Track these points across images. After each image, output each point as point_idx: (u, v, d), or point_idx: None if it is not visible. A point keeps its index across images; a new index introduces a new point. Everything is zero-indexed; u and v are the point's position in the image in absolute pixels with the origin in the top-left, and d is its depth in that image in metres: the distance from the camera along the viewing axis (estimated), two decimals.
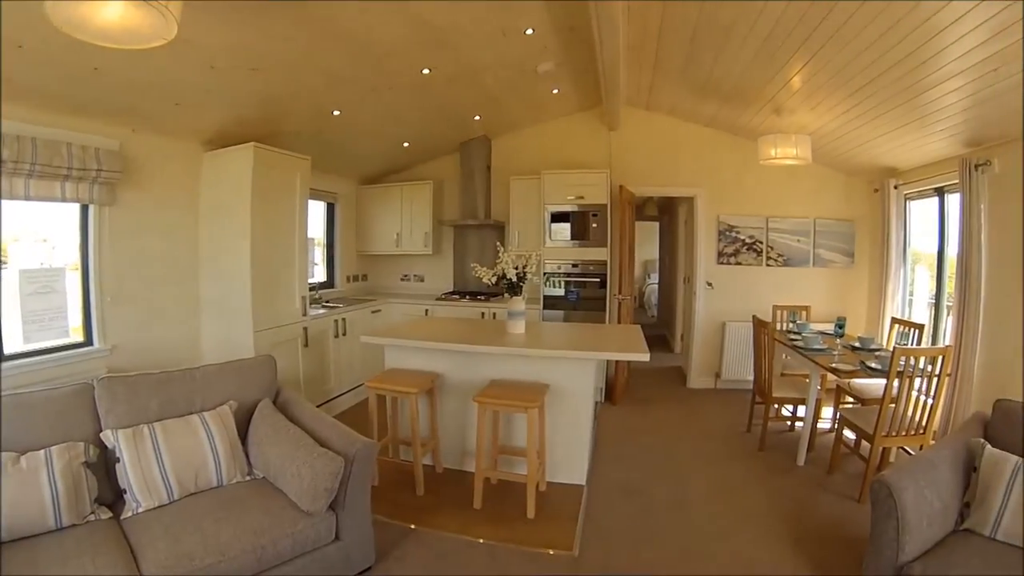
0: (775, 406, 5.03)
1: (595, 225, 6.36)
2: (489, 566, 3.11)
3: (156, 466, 2.70)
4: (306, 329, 5.29)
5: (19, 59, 2.98)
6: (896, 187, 5.91)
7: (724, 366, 6.86)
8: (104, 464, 2.72)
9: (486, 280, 4.44)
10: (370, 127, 5.78)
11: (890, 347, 4.67)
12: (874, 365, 4.13)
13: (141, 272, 4.36)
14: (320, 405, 5.28)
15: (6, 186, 3.35)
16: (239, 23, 3.24)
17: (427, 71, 4.61)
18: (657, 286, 12.93)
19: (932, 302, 5.54)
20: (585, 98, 6.42)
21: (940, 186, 5.27)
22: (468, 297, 7.02)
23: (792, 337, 5.15)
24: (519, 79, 5.41)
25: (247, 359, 3.63)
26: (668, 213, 10.90)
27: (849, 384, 4.85)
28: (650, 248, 13.47)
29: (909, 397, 3.80)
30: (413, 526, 3.49)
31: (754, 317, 5.14)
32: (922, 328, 4.95)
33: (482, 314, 6.61)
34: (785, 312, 6.10)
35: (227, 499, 2.74)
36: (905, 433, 3.86)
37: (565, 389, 4.07)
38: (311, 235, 5.87)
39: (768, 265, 6.77)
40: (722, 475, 4.39)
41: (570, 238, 6.45)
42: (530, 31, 4.30)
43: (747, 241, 6.77)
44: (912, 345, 4.86)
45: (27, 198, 3.50)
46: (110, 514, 2.61)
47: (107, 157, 3.87)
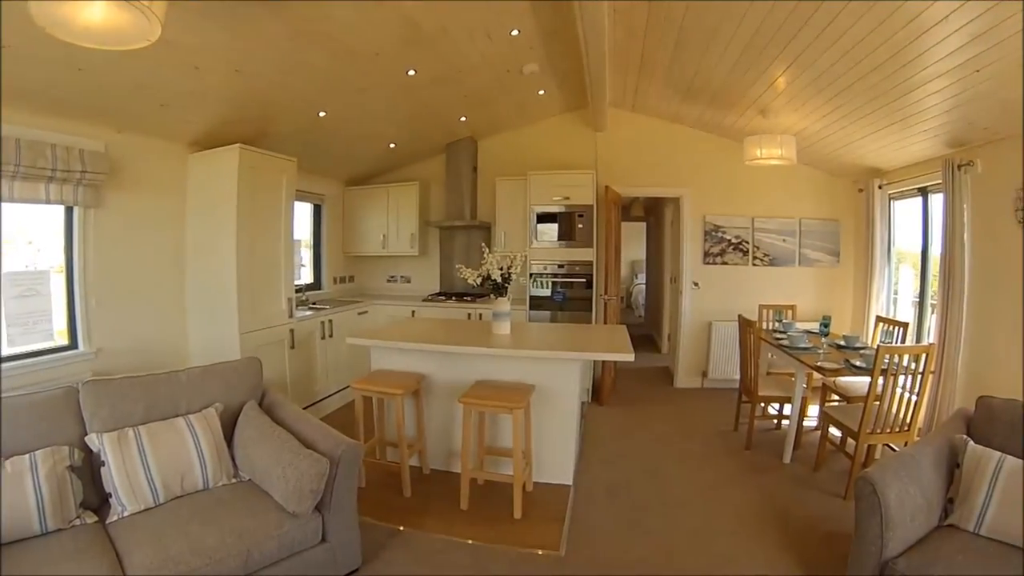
0: (761, 405, 5.08)
1: (581, 226, 6.38)
2: (475, 567, 3.12)
3: (141, 469, 2.68)
4: (293, 331, 5.27)
5: (3, 59, 2.94)
6: (880, 187, 5.97)
7: (711, 366, 6.89)
8: (89, 468, 2.69)
9: (471, 281, 4.46)
10: (356, 128, 5.77)
11: (875, 345, 4.71)
12: (859, 363, 4.16)
13: (127, 274, 4.32)
14: (307, 407, 5.28)
15: None
16: (223, 24, 3.22)
17: (412, 72, 4.60)
18: (644, 286, 12.95)
19: (916, 300, 5.60)
20: (571, 99, 6.43)
21: (924, 186, 5.33)
22: (455, 298, 7.00)
23: (778, 336, 5.18)
24: (505, 80, 5.41)
25: (233, 361, 3.61)
26: (655, 214, 10.92)
27: (835, 382, 4.90)
28: (637, 248, 13.50)
29: (894, 394, 3.83)
30: (400, 527, 3.49)
31: (740, 317, 5.17)
32: (906, 326, 5.00)
33: (468, 315, 6.61)
34: (771, 311, 6.13)
35: (213, 502, 2.73)
36: (890, 430, 3.89)
37: (551, 389, 4.08)
38: (298, 237, 5.86)
39: (754, 265, 6.81)
40: (709, 474, 4.42)
41: (556, 239, 6.46)
42: (515, 32, 4.31)
43: (733, 241, 6.81)
44: (897, 343, 4.91)
45: (11, 200, 3.46)
46: (96, 518, 2.59)
47: (92, 158, 3.83)
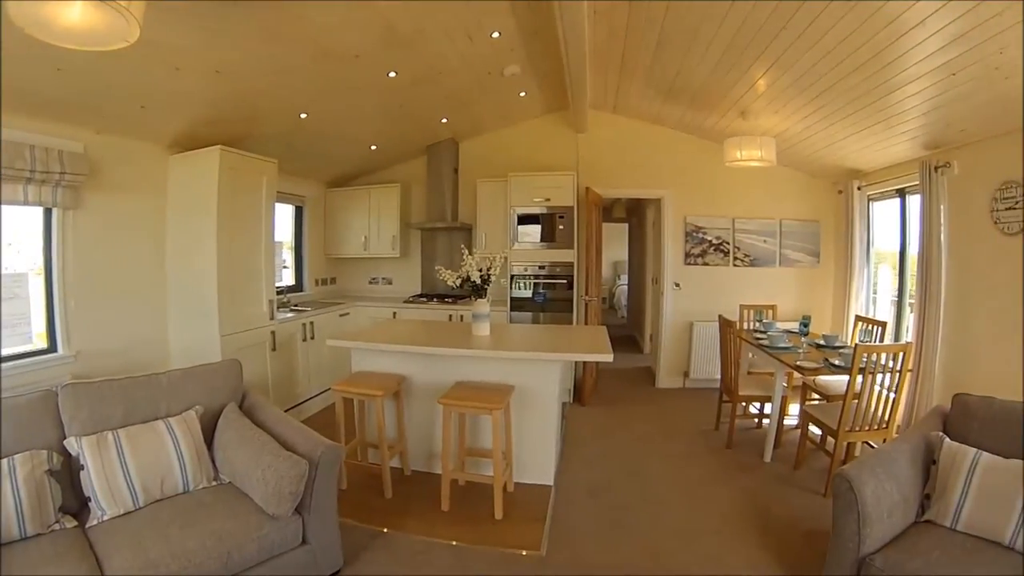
0: (742, 404, 5.13)
1: (562, 227, 6.39)
2: (457, 567, 3.13)
3: (121, 473, 2.67)
4: (274, 333, 5.24)
5: None
6: (859, 188, 6.05)
7: (692, 366, 6.94)
8: (69, 472, 2.67)
9: (450, 283, 4.45)
10: (337, 130, 5.75)
11: (854, 344, 4.76)
12: (838, 362, 4.22)
13: (106, 277, 4.28)
14: (289, 409, 5.27)
15: None
16: (202, 25, 3.21)
17: (393, 74, 4.59)
18: (627, 287, 13.00)
19: (895, 300, 5.68)
20: (552, 101, 6.45)
21: (901, 187, 5.41)
22: (436, 300, 6.99)
23: (758, 336, 5.22)
24: (486, 82, 5.42)
25: (213, 363, 3.59)
26: (636, 215, 11.00)
27: (814, 381, 4.95)
28: (620, 249, 13.58)
29: (872, 393, 3.89)
30: (382, 529, 3.49)
31: (720, 317, 5.21)
32: (885, 325, 5.06)
33: (450, 316, 6.59)
34: (752, 311, 6.18)
35: (193, 505, 2.72)
36: (868, 428, 3.95)
37: (531, 390, 4.10)
38: (279, 238, 5.83)
39: (735, 265, 6.87)
40: (690, 473, 4.45)
41: (538, 240, 6.46)
42: (496, 34, 4.32)
43: (714, 242, 6.86)
44: (875, 342, 4.97)
45: None
46: (75, 523, 2.58)
47: (71, 160, 3.79)
